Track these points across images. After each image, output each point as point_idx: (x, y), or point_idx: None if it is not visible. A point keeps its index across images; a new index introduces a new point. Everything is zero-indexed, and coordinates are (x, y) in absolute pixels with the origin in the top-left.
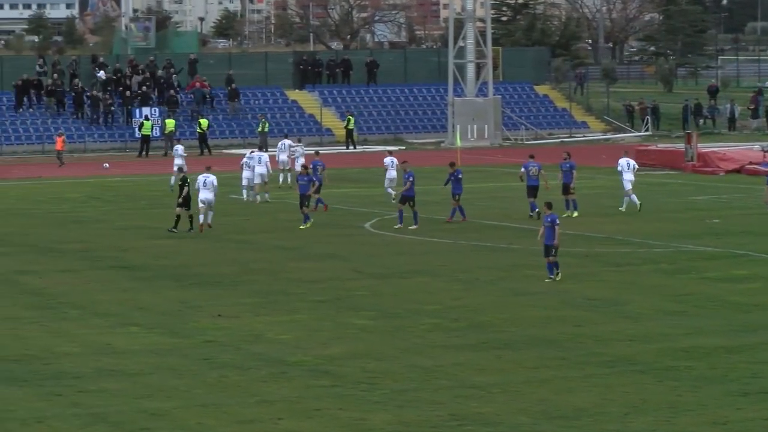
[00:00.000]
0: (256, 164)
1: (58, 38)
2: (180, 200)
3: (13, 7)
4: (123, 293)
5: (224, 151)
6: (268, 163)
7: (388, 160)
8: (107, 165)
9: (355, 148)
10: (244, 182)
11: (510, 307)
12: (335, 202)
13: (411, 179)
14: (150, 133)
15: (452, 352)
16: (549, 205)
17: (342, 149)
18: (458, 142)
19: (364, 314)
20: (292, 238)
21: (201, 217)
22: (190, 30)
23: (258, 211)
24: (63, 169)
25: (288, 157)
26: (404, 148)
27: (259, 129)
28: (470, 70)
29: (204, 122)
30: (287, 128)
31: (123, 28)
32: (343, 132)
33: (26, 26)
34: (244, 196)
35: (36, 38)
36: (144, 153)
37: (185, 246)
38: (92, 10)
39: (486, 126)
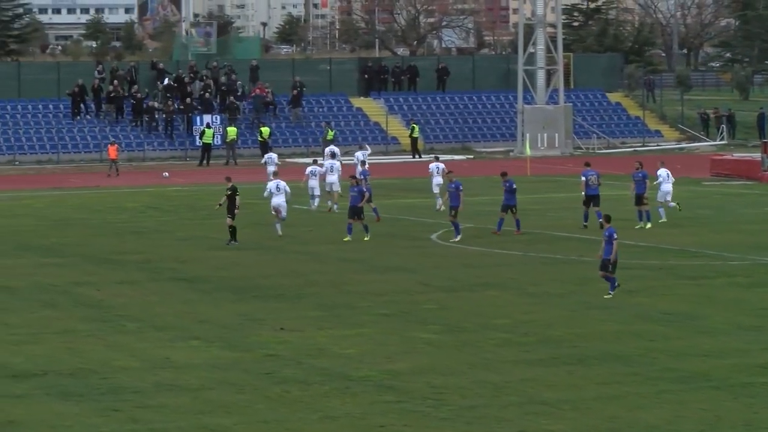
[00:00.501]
0: (327, 173)
1: (117, 44)
2: (236, 211)
3: (70, 11)
4: (182, 306)
5: (287, 159)
6: (340, 171)
7: (433, 166)
8: (167, 174)
9: (420, 156)
10: (313, 192)
11: (581, 322)
12: (401, 213)
13: (459, 189)
14: (211, 142)
15: (521, 368)
16: (607, 219)
17: (408, 158)
18: (527, 151)
19: (431, 328)
20: (357, 249)
21: (278, 227)
22: (252, 35)
23: (322, 222)
24: (121, 178)
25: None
26: (472, 157)
27: (324, 137)
28: (540, 76)
29: (265, 130)
30: (352, 137)
31: (183, 33)
32: (409, 141)
33: (84, 31)
34: (313, 205)
35: (94, 44)
36: (205, 162)
37: (246, 258)
38: (151, 15)
39: (556, 134)
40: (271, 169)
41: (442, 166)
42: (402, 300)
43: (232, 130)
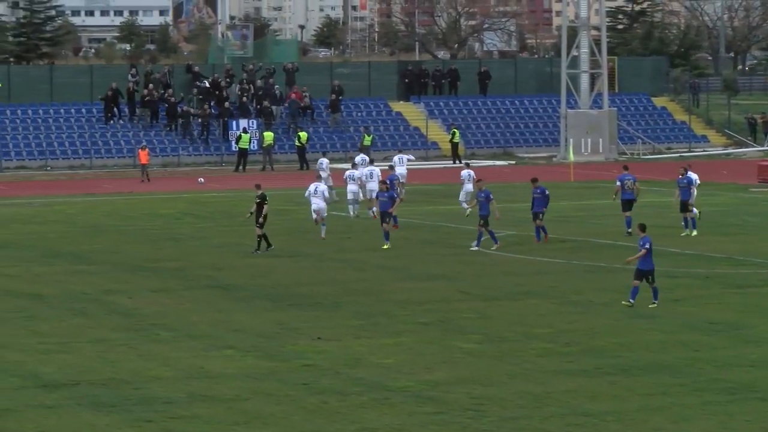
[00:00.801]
0: (367, 179)
1: (151, 46)
2: (261, 220)
3: (104, 14)
4: (218, 314)
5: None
6: (380, 177)
7: (465, 173)
8: (202, 180)
9: (461, 162)
10: (350, 197)
11: (625, 331)
12: (441, 220)
13: (490, 198)
14: (248, 147)
15: (564, 378)
16: (642, 227)
17: (448, 164)
18: (571, 157)
19: (471, 338)
20: (396, 257)
21: (323, 229)
22: (289, 38)
23: (360, 228)
24: (156, 183)
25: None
26: (514, 162)
27: (362, 143)
28: (584, 80)
29: (303, 135)
30: (391, 142)
31: (219, 35)
32: (450, 146)
33: (117, 34)
34: (351, 212)
35: (128, 46)
36: (241, 167)
37: (283, 265)
38: (187, 17)
39: (600, 140)
40: (324, 174)
41: (472, 173)
42: (441, 309)
43: (268, 135)
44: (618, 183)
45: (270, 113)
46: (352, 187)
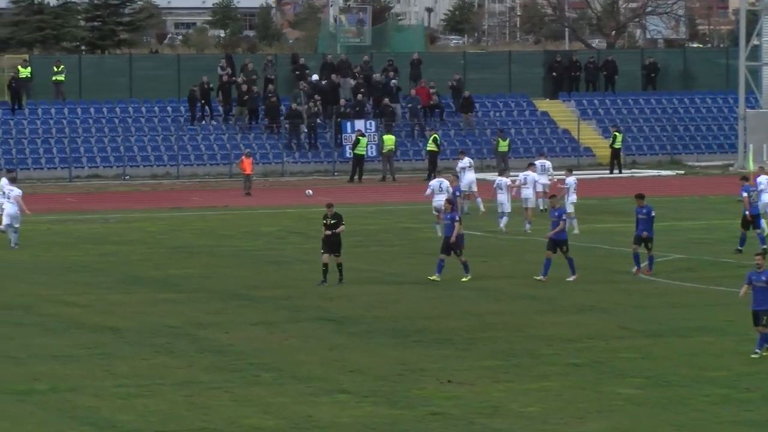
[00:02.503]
0: (437, 192)
1: (250, 33)
2: (332, 245)
3: None
4: (329, 352)
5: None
6: (449, 188)
7: (571, 180)
8: (311, 192)
9: (620, 172)
10: (499, 209)
11: None
12: (595, 240)
13: (563, 218)
14: (365, 153)
15: (743, 430)
16: (764, 255)
17: (605, 173)
18: (751, 166)
19: (631, 381)
20: (541, 285)
21: (437, 227)
22: (414, 24)
23: (499, 251)
24: (256, 196)
25: (549, 179)
26: (683, 172)
27: (495, 148)
28: (766, 74)
29: (437, 137)
30: (535, 146)
31: (331, 20)
32: (607, 152)
33: (210, 18)
34: (501, 224)
35: (222, 33)
36: (357, 177)
37: (407, 294)
38: None
39: None
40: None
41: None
42: (595, 347)
43: (389, 139)
44: (744, 194)
45: (391, 113)
46: (501, 198)
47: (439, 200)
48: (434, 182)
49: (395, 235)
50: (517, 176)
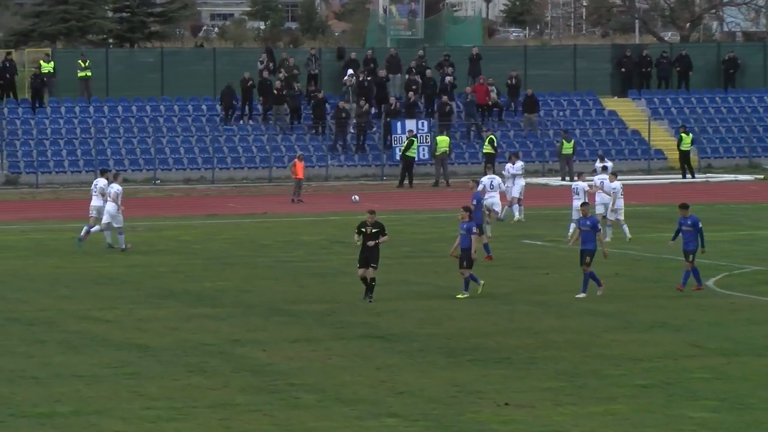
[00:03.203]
0: (489, 190)
1: (292, 25)
2: (369, 257)
3: None
4: (376, 372)
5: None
6: (501, 188)
7: (605, 182)
8: (357, 198)
9: (693, 176)
10: (574, 215)
11: None
12: (667, 251)
13: (597, 228)
14: (416, 156)
15: None
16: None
17: (677, 178)
18: None
19: (704, 404)
20: (606, 300)
21: (487, 228)
22: (471, 15)
23: (563, 262)
24: (297, 204)
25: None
26: (762, 177)
27: (559, 150)
28: None
29: (494, 139)
30: (603, 149)
31: (380, 11)
32: (678, 155)
33: (249, 9)
34: (570, 231)
35: (262, 25)
36: (407, 182)
37: (462, 309)
38: None
39: None
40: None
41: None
42: (666, 367)
43: (443, 140)
44: None
45: (446, 112)
46: (577, 203)
47: (492, 198)
48: (485, 179)
49: (449, 244)
50: (592, 180)
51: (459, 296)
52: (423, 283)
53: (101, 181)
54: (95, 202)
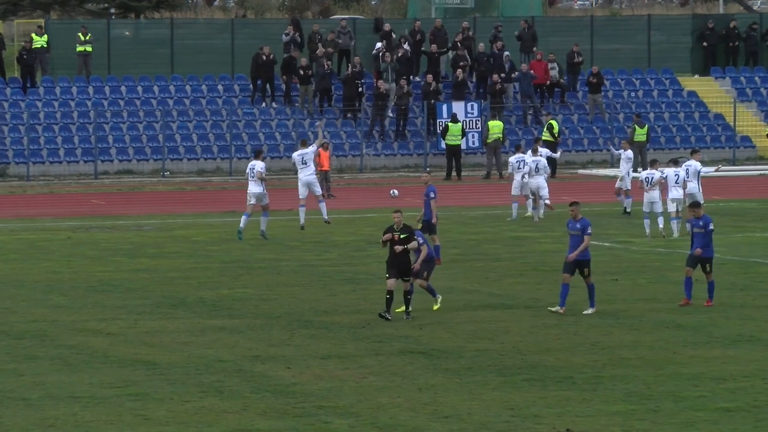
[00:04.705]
0: (533, 173)
1: None
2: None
3: None
4: (418, 393)
5: (579, 171)
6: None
7: (680, 171)
8: (396, 192)
9: None
10: (653, 207)
11: None
12: (755, 253)
13: (587, 232)
14: (459, 143)
15: None
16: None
17: (766, 170)
18: None
19: None
20: (685, 311)
21: (534, 213)
22: None
23: (634, 267)
24: (328, 199)
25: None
26: None
27: (632, 137)
28: None
29: (554, 124)
30: (681, 135)
31: None
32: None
33: None
34: (646, 229)
35: None
36: (455, 173)
37: (518, 321)
38: None
39: None
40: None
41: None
42: (753, 387)
43: (496, 126)
44: None
45: (500, 93)
46: (647, 196)
47: (536, 181)
48: (530, 159)
49: (504, 246)
50: (662, 172)
51: (551, 309)
52: (473, 290)
53: (258, 164)
54: (253, 188)
